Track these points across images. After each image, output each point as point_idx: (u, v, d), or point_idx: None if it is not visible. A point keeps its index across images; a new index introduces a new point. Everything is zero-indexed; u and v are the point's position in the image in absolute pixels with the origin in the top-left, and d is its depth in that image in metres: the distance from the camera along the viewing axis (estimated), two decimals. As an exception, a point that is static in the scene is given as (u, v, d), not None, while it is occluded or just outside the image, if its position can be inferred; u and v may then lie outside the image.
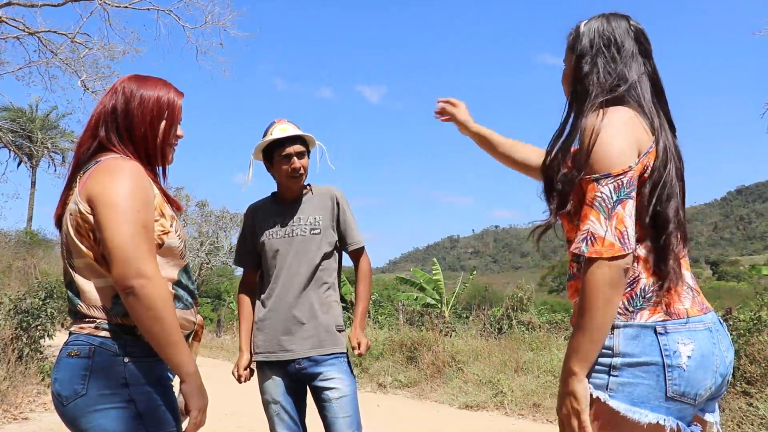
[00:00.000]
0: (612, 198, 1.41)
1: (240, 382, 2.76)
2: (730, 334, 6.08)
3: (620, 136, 1.46)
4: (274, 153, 2.71)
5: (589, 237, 1.41)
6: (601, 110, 1.52)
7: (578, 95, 1.63)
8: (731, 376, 1.58)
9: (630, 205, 1.42)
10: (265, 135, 2.74)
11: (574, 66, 1.67)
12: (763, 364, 5.83)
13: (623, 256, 1.39)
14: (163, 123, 1.77)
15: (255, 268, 2.84)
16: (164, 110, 1.77)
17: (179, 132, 1.84)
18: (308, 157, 2.77)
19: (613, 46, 1.61)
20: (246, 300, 2.82)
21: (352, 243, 2.79)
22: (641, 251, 1.51)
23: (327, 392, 2.57)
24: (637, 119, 1.52)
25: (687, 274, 1.57)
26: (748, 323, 6.49)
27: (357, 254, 2.83)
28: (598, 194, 1.42)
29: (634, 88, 1.58)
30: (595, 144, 1.47)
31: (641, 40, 1.65)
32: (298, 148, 2.70)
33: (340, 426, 2.54)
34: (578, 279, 1.60)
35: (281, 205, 2.79)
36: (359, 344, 2.70)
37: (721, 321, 1.59)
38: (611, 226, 1.40)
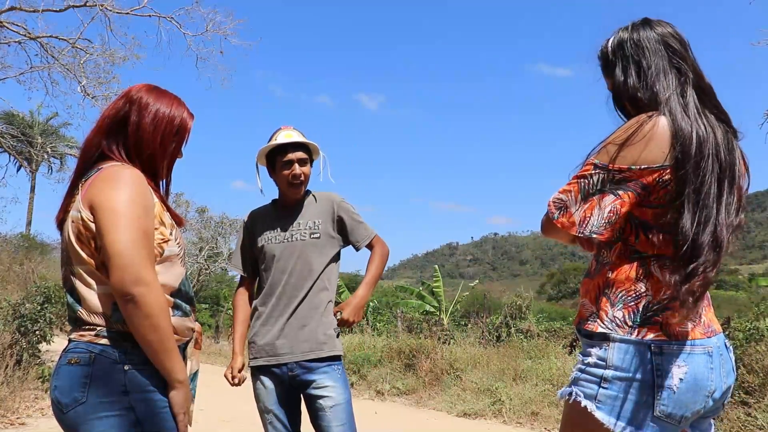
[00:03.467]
0: (597, 186, 1.50)
1: (232, 384, 2.74)
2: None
3: (640, 142, 1.47)
4: (276, 158, 2.73)
5: (563, 207, 1.53)
6: (649, 115, 1.51)
7: (636, 111, 1.60)
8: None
9: (607, 199, 1.49)
10: (270, 140, 2.76)
11: (611, 89, 1.66)
12: (761, 374, 5.83)
13: (574, 235, 1.55)
14: (173, 144, 1.79)
15: (252, 275, 2.86)
16: (176, 131, 1.78)
17: (181, 153, 1.86)
18: (311, 166, 2.78)
19: (641, 63, 1.57)
20: (242, 305, 2.84)
21: (364, 238, 2.78)
22: (654, 268, 1.48)
23: (320, 401, 2.56)
24: (673, 132, 1.48)
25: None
26: (746, 333, 6.50)
27: (371, 244, 2.80)
28: (589, 177, 1.51)
29: (667, 105, 1.52)
30: (620, 138, 1.49)
31: (670, 43, 1.59)
32: (300, 154, 2.71)
33: None
34: (591, 278, 1.60)
35: (281, 211, 2.79)
36: (348, 317, 2.65)
37: (728, 345, 1.56)
38: (582, 209, 1.50)
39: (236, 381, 2.73)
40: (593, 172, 1.51)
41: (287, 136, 2.72)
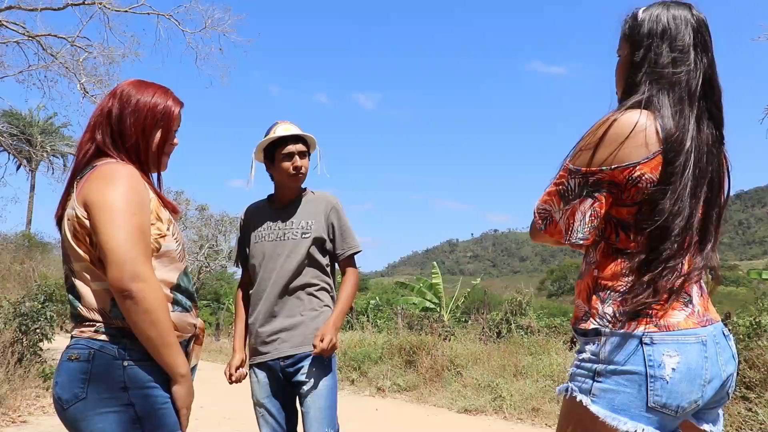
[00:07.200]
0: (574, 191, 1.53)
1: (230, 382, 2.75)
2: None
3: (607, 142, 1.48)
4: (275, 151, 2.73)
5: (548, 218, 1.59)
6: (620, 111, 1.51)
7: (628, 88, 1.59)
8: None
9: (586, 203, 1.51)
10: (267, 134, 2.76)
11: (627, 57, 1.62)
12: (763, 369, 5.83)
13: (562, 243, 1.60)
14: (158, 132, 1.77)
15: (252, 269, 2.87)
16: (159, 119, 1.76)
17: (174, 140, 1.84)
18: (308, 159, 2.79)
19: (667, 39, 1.54)
20: (242, 302, 2.85)
21: (342, 250, 2.77)
22: (636, 263, 1.50)
23: (303, 386, 2.57)
24: (645, 127, 1.47)
25: (694, 286, 1.54)
26: (747, 328, 6.49)
27: (345, 261, 2.79)
28: (566, 183, 1.54)
29: (672, 88, 1.51)
30: (589, 139, 1.52)
31: (701, 31, 1.57)
32: (300, 147, 2.73)
33: (310, 419, 2.52)
34: (581, 279, 1.62)
35: (276, 208, 2.80)
36: (322, 339, 2.53)
37: (726, 334, 1.56)
38: (565, 216, 1.54)
39: (233, 379, 2.75)
40: (569, 177, 1.53)
41: (286, 129, 2.74)
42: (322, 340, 2.53)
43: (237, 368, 2.74)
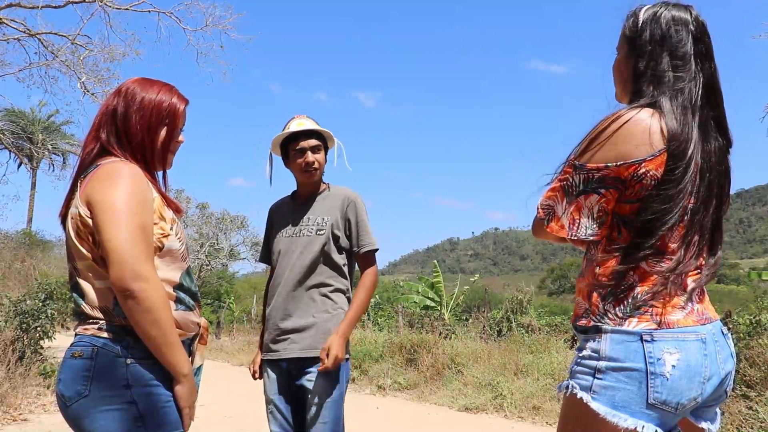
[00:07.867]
0: (579, 187, 1.52)
1: (254, 378, 2.80)
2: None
3: (613, 139, 1.49)
4: (288, 147, 2.73)
5: (552, 213, 1.58)
6: (626, 109, 1.52)
7: (634, 94, 1.59)
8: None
9: (592, 199, 1.52)
10: (283, 130, 2.76)
11: (629, 60, 1.62)
12: (763, 368, 5.83)
13: (565, 239, 1.59)
14: (164, 129, 1.77)
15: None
16: (164, 116, 1.76)
17: (180, 138, 1.84)
18: (325, 154, 2.78)
19: (667, 47, 1.55)
20: (266, 299, 2.85)
21: (357, 247, 2.72)
22: (621, 259, 1.51)
23: (309, 394, 2.54)
24: (650, 124, 1.48)
25: (694, 284, 1.54)
26: (747, 327, 6.50)
27: (362, 259, 2.75)
28: (570, 179, 1.54)
29: (675, 96, 1.52)
30: (594, 136, 1.52)
31: (703, 38, 1.57)
32: (312, 142, 2.71)
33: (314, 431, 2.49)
34: (582, 277, 1.63)
35: (296, 204, 2.80)
36: (327, 353, 2.49)
37: (725, 332, 1.57)
38: (569, 211, 1.54)
39: (257, 377, 2.78)
40: (574, 173, 1.53)
41: (299, 124, 2.73)
42: (328, 355, 2.49)
43: (260, 365, 2.77)
